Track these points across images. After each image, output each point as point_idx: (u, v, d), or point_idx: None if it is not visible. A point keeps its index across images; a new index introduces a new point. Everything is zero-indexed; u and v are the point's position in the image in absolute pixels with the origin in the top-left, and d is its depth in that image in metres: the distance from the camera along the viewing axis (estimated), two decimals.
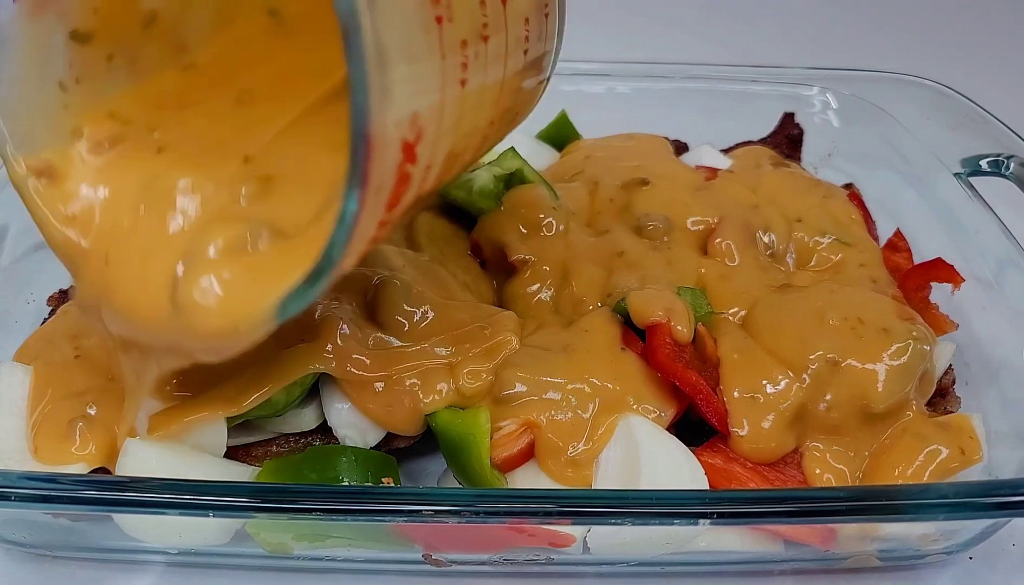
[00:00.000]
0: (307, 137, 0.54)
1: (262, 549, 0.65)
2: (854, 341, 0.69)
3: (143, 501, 0.56)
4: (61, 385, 0.67)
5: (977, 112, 0.93)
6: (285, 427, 0.69)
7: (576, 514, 0.57)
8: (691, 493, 0.61)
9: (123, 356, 0.59)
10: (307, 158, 0.54)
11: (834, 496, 0.60)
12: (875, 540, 0.67)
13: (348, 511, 0.56)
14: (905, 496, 0.59)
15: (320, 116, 0.54)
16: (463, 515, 0.56)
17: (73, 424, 0.65)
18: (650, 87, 1.05)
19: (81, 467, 0.64)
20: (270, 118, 0.56)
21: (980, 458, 0.67)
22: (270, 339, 0.50)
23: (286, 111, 0.55)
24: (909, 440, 0.67)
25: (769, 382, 0.67)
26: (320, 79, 0.55)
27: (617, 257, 0.78)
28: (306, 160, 0.53)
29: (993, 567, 0.71)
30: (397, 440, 0.70)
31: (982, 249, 0.84)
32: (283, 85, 0.57)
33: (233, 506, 0.56)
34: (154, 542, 0.67)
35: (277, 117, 0.55)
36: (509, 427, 0.66)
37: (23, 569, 0.69)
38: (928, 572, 0.71)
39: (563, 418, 0.66)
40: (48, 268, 0.86)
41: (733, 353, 0.69)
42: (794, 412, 0.66)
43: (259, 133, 0.55)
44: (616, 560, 0.69)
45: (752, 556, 0.67)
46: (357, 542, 0.65)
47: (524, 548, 0.65)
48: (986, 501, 0.58)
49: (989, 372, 0.79)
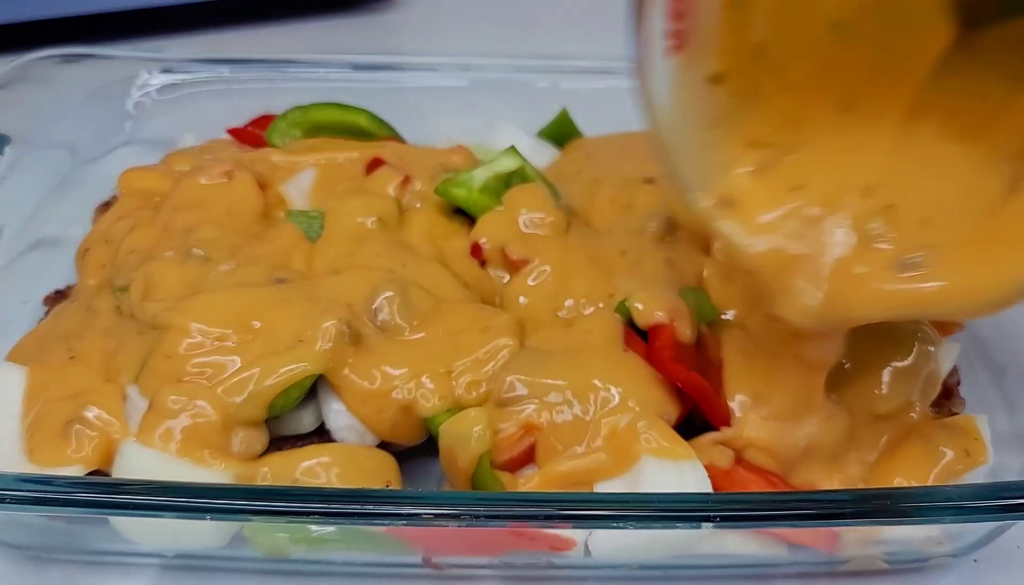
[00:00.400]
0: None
1: (259, 552, 0.65)
2: (856, 342, 0.68)
3: (139, 504, 0.55)
4: (56, 387, 0.67)
5: None
6: (283, 429, 0.68)
7: (577, 517, 0.56)
8: (694, 496, 0.61)
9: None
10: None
11: (838, 499, 0.59)
12: (879, 543, 0.67)
13: (347, 514, 0.56)
14: (910, 499, 0.58)
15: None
16: (463, 518, 0.55)
17: (70, 426, 0.64)
18: None
19: (78, 469, 0.63)
20: (876, 118, 0.58)
21: (986, 459, 0.66)
22: None
23: (890, 105, 0.57)
24: (914, 442, 0.66)
25: (772, 386, 0.66)
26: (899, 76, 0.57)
27: (619, 257, 0.77)
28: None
29: (998, 570, 0.71)
30: (397, 442, 0.69)
31: None
32: (874, 81, 0.58)
33: (230, 509, 0.55)
34: (150, 545, 0.66)
35: (885, 114, 0.58)
36: (510, 430, 0.66)
37: (19, 571, 0.69)
38: (933, 575, 0.71)
39: (565, 421, 0.65)
40: (44, 268, 0.86)
41: (736, 355, 0.69)
42: (798, 414, 0.66)
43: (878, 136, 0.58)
44: (618, 564, 0.68)
45: (755, 560, 0.67)
46: (356, 545, 0.65)
47: (525, 552, 0.65)
48: (991, 504, 0.57)
49: (994, 373, 0.79)
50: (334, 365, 0.66)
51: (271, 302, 0.69)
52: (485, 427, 0.64)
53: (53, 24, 1.27)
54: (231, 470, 0.63)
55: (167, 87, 1.03)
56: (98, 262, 0.80)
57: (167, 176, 0.87)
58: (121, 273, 0.76)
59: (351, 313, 0.69)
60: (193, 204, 0.81)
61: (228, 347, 0.66)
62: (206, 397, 0.64)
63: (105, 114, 1.00)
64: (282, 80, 1.03)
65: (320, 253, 0.78)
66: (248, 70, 1.03)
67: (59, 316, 0.75)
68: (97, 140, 0.99)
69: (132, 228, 0.81)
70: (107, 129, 1.00)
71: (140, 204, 0.85)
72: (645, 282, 0.74)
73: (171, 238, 0.78)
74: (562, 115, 1.02)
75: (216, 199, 0.82)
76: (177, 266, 0.74)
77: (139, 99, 1.02)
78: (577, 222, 0.82)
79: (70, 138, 0.96)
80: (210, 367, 0.65)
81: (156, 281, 0.73)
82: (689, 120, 0.57)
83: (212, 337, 0.67)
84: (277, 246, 0.78)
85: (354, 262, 0.75)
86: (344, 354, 0.67)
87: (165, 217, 0.80)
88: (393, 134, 0.96)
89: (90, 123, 0.98)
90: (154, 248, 0.77)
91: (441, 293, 0.74)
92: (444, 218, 0.84)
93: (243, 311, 0.68)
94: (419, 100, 1.04)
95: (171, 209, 0.81)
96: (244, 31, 1.42)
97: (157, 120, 1.01)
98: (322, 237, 0.80)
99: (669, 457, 0.63)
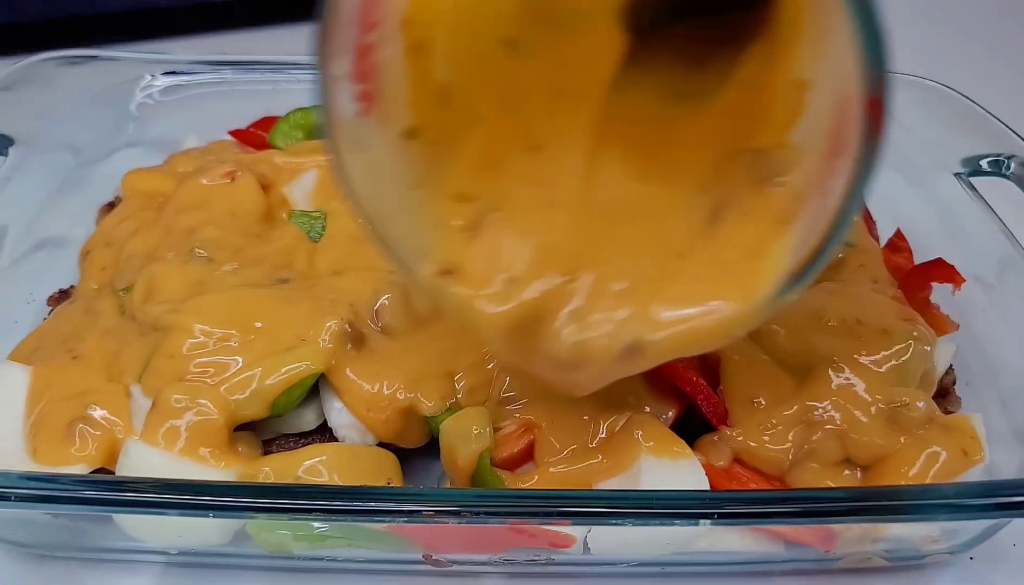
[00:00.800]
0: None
1: (262, 549, 0.65)
2: (853, 342, 0.69)
3: (143, 501, 0.56)
4: (60, 387, 0.67)
5: (977, 112, 0.93)
6: (285, 427, 0.69)
7: (577, 515, 0.57)
8: (692, 493, 0.61)
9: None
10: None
11: (835, 497, 0.60)
12: (876, 541, 0.67)
13: (348, 511, 0.56)
14: (906, 497, 0.59)
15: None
16: (463, 515, 0.56)
17: (73, 425, 0.65)
18: None
19: (82, 468, 0.64)
20: (564, 157, 0.57)
21: (982, 458, 0.66)
22: None
23: (575, 139, 0.56)
24: (910, 441, 0.67)
25: (769, 386, 0.67)
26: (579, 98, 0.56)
27: None
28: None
29: (994, 567, 0.71)
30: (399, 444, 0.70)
31: (982, 249, 0.84)
32: (556, 108, 0.57)
33: (233, 506, 0.56)
34: (154, 542, 0.67)
35: (572, 150, 0.57)
36: (509, 427, 0.66)
37: (23, 569, 0.69)
38: (929, 572, 0.71)
39: (563, 419, 0.66)
40: (48, 268, 0.87)
41: (734, 354, 0.69)
42: (795, 415, 0.66)
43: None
44: (617, 561, 0.68)
45: (753, 557, 0.67)
46: (357, 542, 0.65)
47: (524, 549, 0.65)
48: (987, 502, 0.57)
49: (990, 372, 0.79)
50: (336, 365, 0.67)
51: (274, 302, 0.70)
52: (485, 425, 0.65)
53: (55, 25, 1.27)
54: (234, 469, 0.64)
55: (170, 89, 1.03)
56: (100, 263, 0.80)
57: (170, 177, 0.87)
58: (124, 274, 0.77)
59: (353, 313, 0.70)
60: (196, 205, 0.82)
61: (231, 347, 0.67)
62: (209, 396, 0.64)
63: (108, 115, 1.00)
64: (285, 82, 1.03)
65: (322, 253, 0.78)
66: (251, 72, 1.03)
67: (61, 317, 0.75)
68: (100, 141, 0.99)
69: (135, 230, 0.81)
70: (110, 130, 1.01)
71: (143, 205, 0.85)
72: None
73: (174, 239, 0.78)
74: None
75: (219, 200, 0.82)
76: (180, 267, 0.74)
77: (142, 101, 1.02)
78: None
79: (74, 139, 0.96)
80: (213, 366, 0.66)
81: (159, 282, 0.73)
82: (393, 184, 0.54)
83: (215, 337, 0.67)
84: (280, 246, 0.78)
85: (356, 263, 0.76)
86: (346, 354, 0.67)
87: (168, 218, 0.81)
88: None
89: (93, 124, 0.99)
90: (157, 249, 0.78)
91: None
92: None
93: (246, 311, 0.69)
94: None
95: (174, 210, 0.81)
96: (246, 33, 1.42)
97: (160, 122, 1.02)
98: (324, 237, 0.80)
99: (667, 456, 0.64)
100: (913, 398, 0.68)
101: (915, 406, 0.68)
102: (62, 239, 0.90)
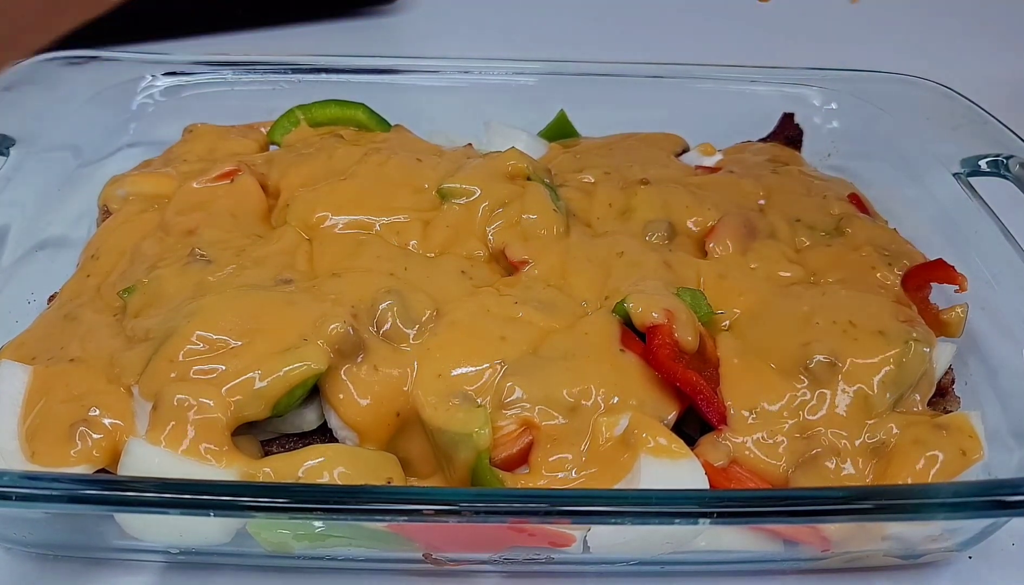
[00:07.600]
0: None
1: (263, 549, 0.65)
2: (848, 344, 0.69)
3: (144, 500, 0.56)
4: (59, 390, 0.67)
5: (977, 112, 0.93)
6: (286, 427, 0.69)
7: (576, 514, 0.57)
8: (691, 492, 0.61)
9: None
10: None
11: (833, 496, 0.60)
12: (875, 540, 0.67)
13: (349, 510, 0.56)
14: (904, 496, 0.59)
15: None
16: (463, 514, 0.56)
17: (74, 428, 0.64)
18: (650, 86, 1.05)
19: (84, 469, 0.64)
20: None
21: (981, 456, 0.66)
22: None
23: None
24: (910, 440, 0.67)
25: (767, 389, 0.67)
26: None
27: (616, 258, 0.78)
28: None
29: (992, 566, 0.72)
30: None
31: (982, 249, 0.84)
32: None
33: (234, 505, 0.56)
34: (155, 542, 0.67)
35: None
36: (509, 427, 0.66)
37: (24, 569, 0.69)
38: (928, 571, 0.71)
39: (563, 419, 0.66)
40: (49, 267, 0.87)
41: (733, 357, 0.69)
42: (792, 416, 0.66)
43: None
44: (616, 559, 0.69)
45: (751, 556, 0.67)
46: (358, 541, 0.65)
47: (524, 547, 0.65)
48: (985, 501, 0.58)
49: (988, 372, 0.79)
50: (337, 366, 0.67)
51: (276, 304, 0.70)
52: (485, 425, 0.65)
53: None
54: (235, 469, 0.64)
55: (171, 89, 1.03)
56: (101, 265, 0.80)
57: (166, 177, 0.87)
58: (125, 277, 0.76)
59: (354, 317, 0.69)
60: (196, 206, 0.82)
61: (232, 348, 0.67)
62: (211, 396, 0.64)
63: (109, 116, 1.00)
64: (284, 83, 1.03)
65: (321, 254, 0.78)
66: (251, 73, 1.03)
67: (60, 317, 0.75)
68: (101, 142, 0.99)
69: (136, 232, 0.81)
70: (111, 131, 1.01)
71: (144, 207, 0.85)
72: (642, 283, 0.74)
73: (174, 241, 0.78)
74: (560, 116, 1.03)
75: (219, 201, 0.82)
76: (180, 269, 0.74)
77: (143, 101, 1.02)
78: (576, 223, 0.83)
79: (74, 139, 0.96)
80: (215, 367, 0.66)
81: (160, 285, 0.73)
82: None
83: (216, 339, 0.67)
84: (281, 247, 0.78)
85: (355, 264, 0.76)
86: (347, 356, 0.67)
87: (168, 220, 0.81)
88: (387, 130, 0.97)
89: (94, 125, 0.99)
90: (158, 251, 0.78)
91: (443, 295, 0.74)
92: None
93: (247, 313, 0.68)
94: (419, 102, 1.04)
95: (174, 212, 0.81)
96: (247, 35, 1.43)
97: (161, 122, 1.02)
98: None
99: (667, 456, 0.64)
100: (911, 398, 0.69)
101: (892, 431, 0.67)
102: (62, 239, 0.90)
